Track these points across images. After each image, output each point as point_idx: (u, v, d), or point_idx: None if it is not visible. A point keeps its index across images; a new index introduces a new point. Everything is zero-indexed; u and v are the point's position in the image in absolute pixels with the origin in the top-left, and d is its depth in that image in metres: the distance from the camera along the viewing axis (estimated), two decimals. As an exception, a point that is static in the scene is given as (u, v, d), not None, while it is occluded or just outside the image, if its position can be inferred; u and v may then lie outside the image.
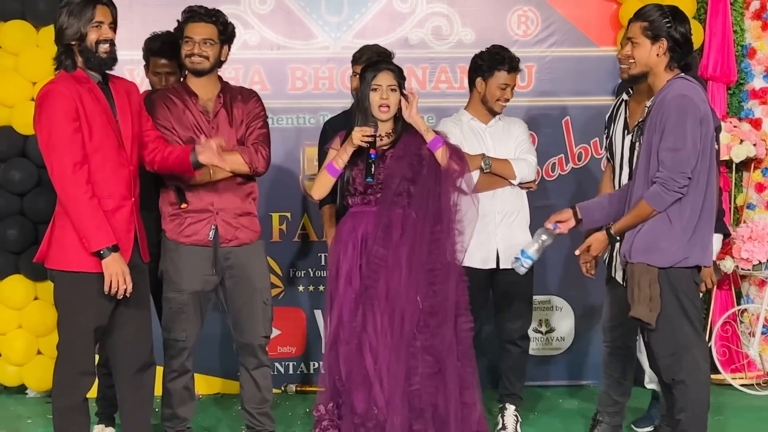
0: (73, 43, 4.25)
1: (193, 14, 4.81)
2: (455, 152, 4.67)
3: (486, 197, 5.12)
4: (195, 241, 4.78)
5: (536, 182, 5.38)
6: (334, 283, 4.63)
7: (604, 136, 5.08)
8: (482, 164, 5.13)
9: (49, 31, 5.96)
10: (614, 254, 4.88)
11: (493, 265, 5.21)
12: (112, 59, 4.32)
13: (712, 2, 6.41)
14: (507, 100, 5.26)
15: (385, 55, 5.35)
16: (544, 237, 4.54)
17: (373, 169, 4.61)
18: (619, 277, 4.88)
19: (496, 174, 5.18)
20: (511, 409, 5.38)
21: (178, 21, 4.86)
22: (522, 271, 4.61)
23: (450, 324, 4.54)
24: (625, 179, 4.83)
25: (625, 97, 4.94)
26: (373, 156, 4.61)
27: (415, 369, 4.50)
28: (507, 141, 5.27)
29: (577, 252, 4.69)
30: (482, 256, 5.16)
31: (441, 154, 4.61)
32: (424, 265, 4.54)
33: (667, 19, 4.31)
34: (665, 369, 4.36)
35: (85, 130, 4.20)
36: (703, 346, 4.45)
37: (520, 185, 5.26)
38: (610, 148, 4.98)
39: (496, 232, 5.20)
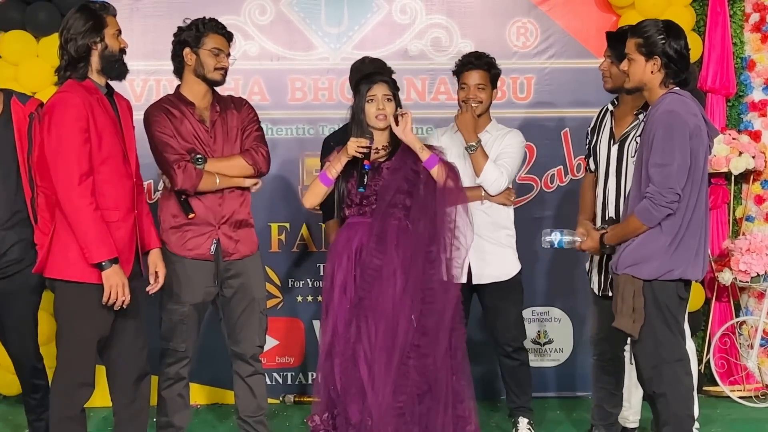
0: (95, 47, 4.26)
1: (217, 25, 4.81)
2: (451, 170, 4.62)
3: None
4: (197, 255, 4.78)
5: (512, 198, 5.26)
6: (330, 294, 4.62)
7: (587, 146, 5.08)
8: (468, 145, 5.10)
9: (49, 42, 6.04)
10: (592, 265, 4.91)
11: (464, 280, 5.03)
12: (126, 69, 4.39)
13: (712, 14, 6.42)
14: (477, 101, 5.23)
15: (381, 67, 5.37)
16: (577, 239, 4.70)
17: (365, 180, 4.58)
18: (595, 287, 4.91)
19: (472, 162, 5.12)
20: (524, 422, 5.37)
21: (192, 27, 4.77)
22: (545, 244, 4.75)
23: (443, 344, 4.50)
24: (611, 189, 4.81)
25: (610, 107, 4.95)
26: (366, 167, 4.58)
27: (403, 387, 4.46)
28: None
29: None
30: None
31: (437, 172, 4.56)
32: (420, 281, 4.50)
33: (662, 36, 4.30)
34: (647, 381, 4.38)
35: (94, 140, 4.19)
36: (686, 360, 4.44)
37: (490, 198, 5.17)
38: (594, 158, 4.98)
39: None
